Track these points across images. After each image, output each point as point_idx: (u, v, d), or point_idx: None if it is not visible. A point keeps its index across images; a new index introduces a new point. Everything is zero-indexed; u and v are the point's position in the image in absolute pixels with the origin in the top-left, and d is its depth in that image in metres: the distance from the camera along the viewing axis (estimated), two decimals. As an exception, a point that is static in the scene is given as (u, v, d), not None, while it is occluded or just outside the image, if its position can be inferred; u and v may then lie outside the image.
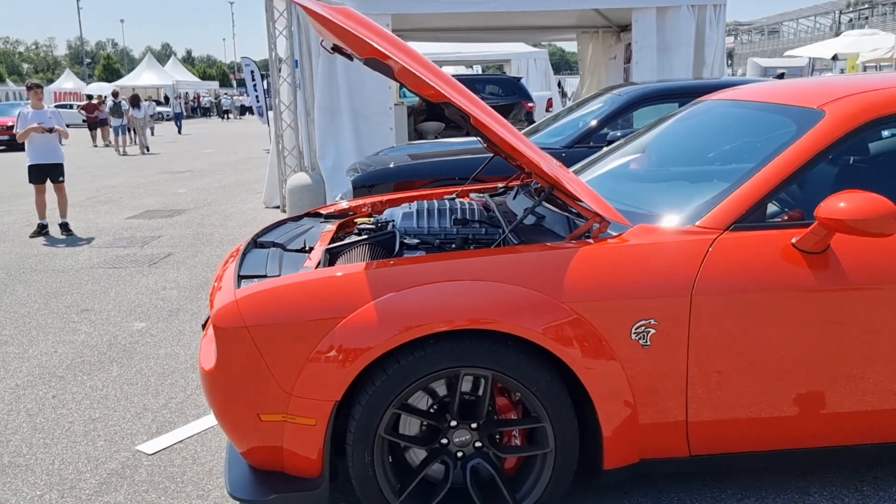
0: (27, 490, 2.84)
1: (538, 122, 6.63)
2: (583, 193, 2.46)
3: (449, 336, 2.26)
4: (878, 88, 2.57)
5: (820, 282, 2.30)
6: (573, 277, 2.29)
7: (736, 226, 2.38)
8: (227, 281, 2.61)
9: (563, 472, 2.37)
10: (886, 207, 2.14)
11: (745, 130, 2.86)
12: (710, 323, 2.29)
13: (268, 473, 2.44)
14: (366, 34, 2.39)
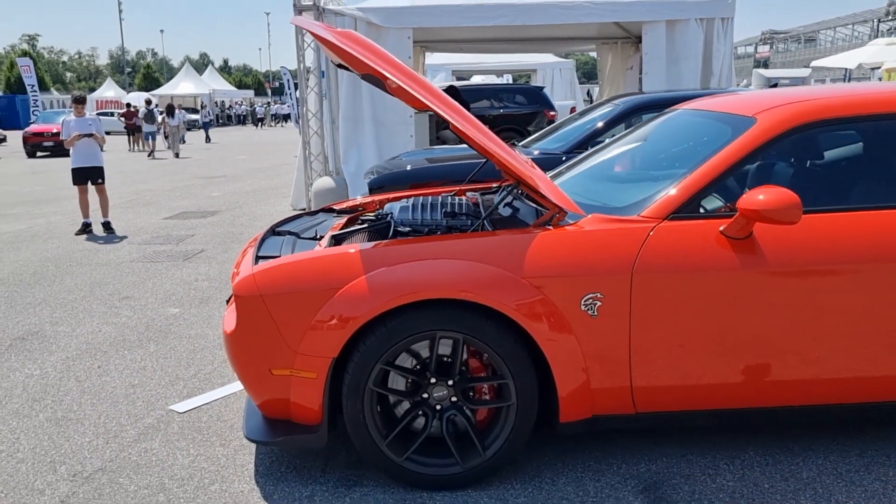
0: (78, 438, 3.35)
1: (546, 129, 7.06)
2: (546, 189, 2.91)
3: (428, 304, 2.71)
4: (805, 100, 2.98)
5: (743, 264, 2.71)
6: (533, 257, 2.73)
7: (673, 216, 2.80)
8: (247, 260, 3.11)
9: (524, 422, 2.80)
10: (792, 199, 2.55)
11: (695, 135, 3.27)
12: (648, 298, 2.71)
13: (278, 421, 2.91)
14: (364, 54, 2.86)
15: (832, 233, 2.74)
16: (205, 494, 2.85)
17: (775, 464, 2.96)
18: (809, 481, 2.83)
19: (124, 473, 3.02)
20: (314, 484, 2.91)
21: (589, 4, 9.00)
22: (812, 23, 74.25)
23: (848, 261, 2.71)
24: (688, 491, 2.79)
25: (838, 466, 2.93)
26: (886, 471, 2.89)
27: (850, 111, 2.92)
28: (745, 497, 2.73)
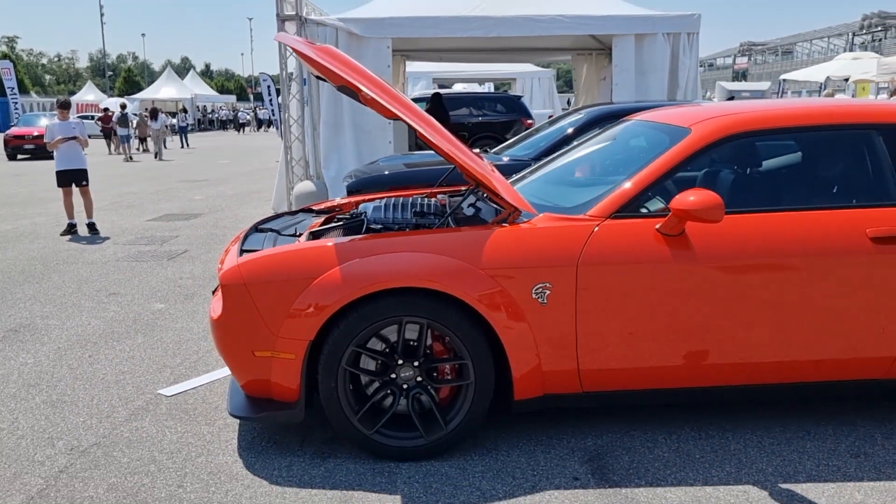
0: (73, 418, 3.62)
1: (517, 137, 7.40)
2: (503, 190, 3.24)
3: (395, 293, 3.02)
4: (735, 113, 3.34)
5: (675, 258, 3.05)
6: (489, 251, 3.05)
7: (615, 215, 3.13)
8: (232, 254, 3.41)
9: (482, 398, 3.11)
10: (715, 201, 2.89)
11: (640, 144, 3.62)
12: (591, 288, 3.04)
13: (259, 399, 3.21)
14: (340, 67, 3.18)
15: (752, 231, 3.09)
16: (192, 465, 3.14)
17: (708, 438, 3.30)
18: (736, 452, 3.17)
19: (117, 448, 3.30)
20: (292, 456, 3.21)
21: (561, 18, 9.38)
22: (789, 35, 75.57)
23: (765, 255, 3.06)
24: (627, 461, 3.12)
25: (763, 440, 3.27)
26: (804, 443, 3.24)
27: (771, 124, 3.28)
28: (676, 465, 3.07)
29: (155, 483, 2.99)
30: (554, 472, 3.04)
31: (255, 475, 3.05)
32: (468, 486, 2.94)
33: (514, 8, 9.60)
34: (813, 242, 3.08)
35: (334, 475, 3.04)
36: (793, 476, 2.97)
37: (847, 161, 3.31)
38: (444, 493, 2.89)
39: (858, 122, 3.30)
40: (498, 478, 3.00)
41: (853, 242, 3.08)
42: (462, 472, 3.05)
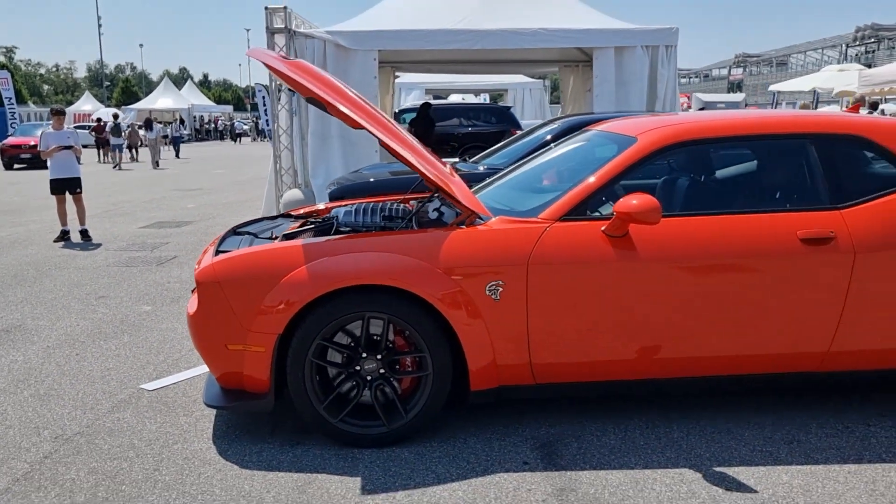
0: (59, 409, 3.83)
1: (495, 146, 7.65)
2: (461, 195, 3.47)
3: (357, 290, 3.24)
4: (677, 124, 3.58)
5: (619, 257, 3.28)
6: (446, 251, 3.28)
7: (564, 218, 3.36)
8: (209, 254, 3.63)
9: (440, 389, 3.33)
10: (653, 204, 3.12)
11: (593, 152, 3.85)
12: (541, 285, 3.27)
13: (233, 390, 3.43)
14: (309, 80, 3.41)
15: (692, 232, 3.32)
16: (168, 451, 3.35)
17: (654, 427, 3.52)
18: (678, 440, 3.39)
19: (99, 436, 3.51)
20: (262, 443, 3.42)
21: (543, 31, 9.63)
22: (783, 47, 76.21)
23: (704, 255, 3.29)
24: (576, 448, 3.33)
25: (705, 429, 3.49)
26: (743, 432, 3.46)
27: (710, 133, 3.52)
28: (621, 452, 3.28)
29: (133, 467, 3.20)
30: (506, 457, 3.25)
31: (227, 460, 3.26)
32: (424, 469, 3.15)
33: (497, 21, 9.85)
34: (748, 244, 3.31)
35: (301, 460, 3.25)
36: (727, 460, 3.19)
37: (781, 168, 3.55)
38: (402, 475, 3.10)
39: (792, 132, 3.54)
40: (453, 462, 3.21)
41: (785, 244, 3.31)
42: (420, 457, 3.26)
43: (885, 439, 3.36)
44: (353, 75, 9.60)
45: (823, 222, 3.34)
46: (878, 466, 3.12)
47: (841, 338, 3.39)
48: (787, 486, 2.97)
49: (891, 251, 3.31)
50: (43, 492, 3.01)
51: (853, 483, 2.99)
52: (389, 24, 9.92)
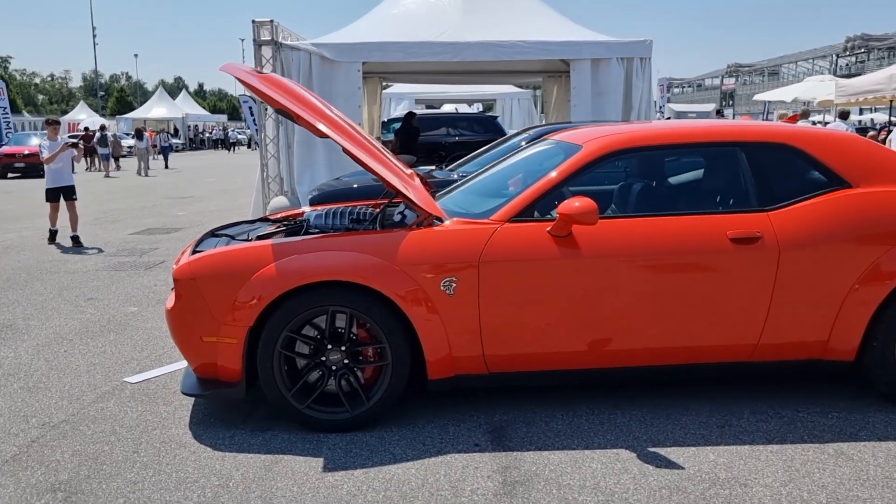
0: (46, 400, 4.09)
1: (470, 155, 7.94)
2: (419, 199, 3.75)
3: (322, 285, 3.52)
4: (620, 133, 3.87)
5: (563, 255, 3.57)
6: (404, 250, 3.56)
7: (513, 219, 3.65)
8: (186, 254, 3.91)
9: (399, 377, 3.60)
10: (591, 206, 3.41)
11: (544, 158, 4.14)
12: (492, 282, 3.55)
13: (208, 379, 3.69)
14: (277, 93, 3.69)
15: (630, 232, 3.61)
16: (147, 436, 3.61)
17: (599, 413, 3.80)
18: (620, 425, 3.66)
19: (83, 423, 3.77)
20: (235, 429, 3.68)
21: (522, 43, 9.96)
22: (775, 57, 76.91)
23: (641, 254, 3.58)
24: (525, 431, 3.61)
25: (646, 415, 3.77)
26: (681, 417, 3.74)
27: (649, 141, 3.82)
28: (566, 435, 3.56)
29: (113, 450, 3.46)
30: (460, 440, 3.52)
31: (202, 443, 3.53)
32: (383, 450, 3.42)
33: (478, 34, 10.17)
34: (682, 243, 3.60)
35: (270, 443, 3.52)
36: (661, 442, 3.47)
37: (714, 173, 3.85)
38: (362, 456, 3.37)
39: (724, 141, 3.84)
40: (410, 445, 3.48)
41: (716, 243, 3.60)
42: (380, 440, 3.53)
43: (809, 424, 3.65)
44: (337, 86, 9.92)
45: (751, 223, 3.64)
46: (799, 447, 3.40)
47: (769, 330, 3.67)
48: (713, 463, 3.25)
49: (811, 249, 3.60)
50: (30, 471, 3.27)
51: (773, 461, 3.27)
52: (373, 37, 10.24)
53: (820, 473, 3.15)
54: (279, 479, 3.16)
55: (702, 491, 3.02)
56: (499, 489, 3.06)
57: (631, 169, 4.14)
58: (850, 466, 3.20)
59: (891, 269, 3.60)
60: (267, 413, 3.85)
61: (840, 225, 3.63)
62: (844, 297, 3.64)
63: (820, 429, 3.59)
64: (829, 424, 3.63)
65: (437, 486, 3.09)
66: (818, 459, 3.27)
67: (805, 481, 3.08)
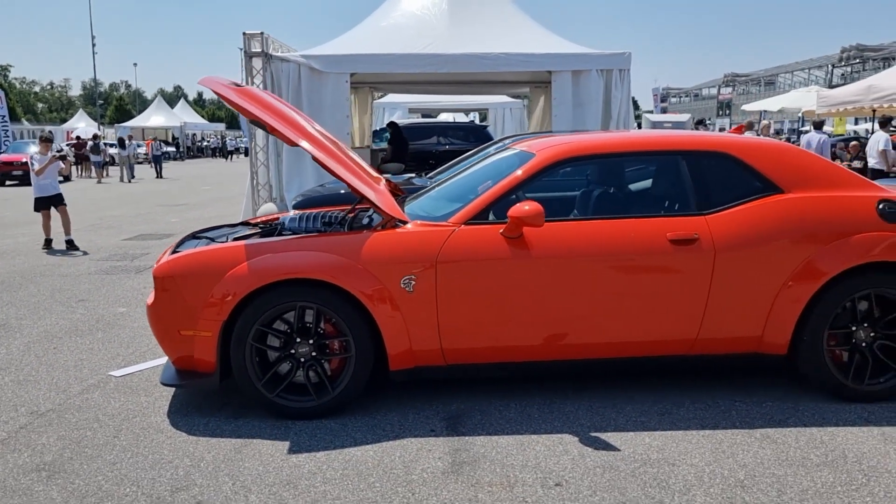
0: (35, 392, 4.36)
1: (449, 163, 8.23)
2: (381, 202, 4.04)
3: (290, 283, 3.80)
4: (572, 142, 4.17)
5: (514, 255, 3.85)
6: (367, 249, 3.84)
7: (469, 222, 3.93)
8: (166, 254, 4.19)
9: (362, 368, 3.88)
10: (538, 210, 3.69)
11: (502, 165, 4.42)
12: (448, 280, 3.83)
13: (186, 371, 3.96)
14: (251, 105, 3.99)
15: (578, 234, 3.89)
16: (128, 423, 3.89)
17: (551, 404, 4.07)
18: (568, 413, 3.94)
19: (69, 412, 4.05)
20: (210, 417, 3.96)
21: (504, 55, 10.27)
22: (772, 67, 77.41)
23: (588, 254, 3.86)
24: (479, 419, 3.88)
25: (594, 404, 4.05)
26: (625, 406, 4.01)
27: (597, 150, 4.11)
28: (517, 422, 3.83)
29: (96, 435, 3.74)
30: (417, 426, 3.80)
31: (178, 429, 3.80)
32: (345, 435, 3.70)
33: (463, 46, 10.47)
34: (625, 244, 3.88)
35: (241, 429, 3.79)
36: (604, 428, 3.74)
37: (657, 179, 4.14)
38: (325, 440, 3.65)
39: (667, 149, 4.13)
40: (371, 430, 3.76)
41: (656, 244, 3.88)
42: (343, 426, 3.81)
43: (744, 413, 3.92)
44: (326, 96, 10.22)
45: (689, 226, 3.92)
46: (730, 432, 3.67)
47: (707, 325, 3.95)
48: (647, 446, 3.52)
49: (745, 250, 3.88)
50: (17, 453, 3.54)
51: (703, 444, 3.54)
52: (361, 49, 10.54)
53: (743, 455, 3.42)
54: (247, 460, 3.44)
55: (633, 469, 3.29)
56: (447, 469, 3.33)
57: (582, 176, 4.42)
58: (773, 448, 3.48)
59: (818, 269, 3.88)
60: (241, 402, 4.12)
61: (771, 228, 3.92)
62: (776, 295, 3.92)
63: (752, 416, 3.86)
64: (762, 412, 3.91)
65: (391, 466, 3.36)
66: (744, 443, 3.55)
67: (728, 461, 3.36)
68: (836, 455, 3.40)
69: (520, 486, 3.16)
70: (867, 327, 4.00)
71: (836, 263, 3.88)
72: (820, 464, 3.32)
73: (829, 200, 3.99)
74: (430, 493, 3.11)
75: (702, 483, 3.16)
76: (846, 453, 3.42)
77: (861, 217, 3.95)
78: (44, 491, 3.17)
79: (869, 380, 3.99)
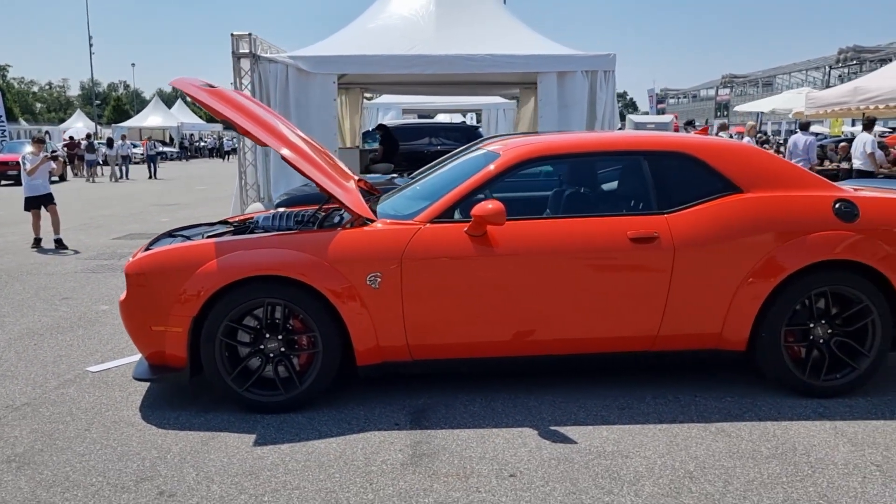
0: (12, 387, 4.45)
1: (432, 163, 8.31)
2: (350, 201, 4.13)
3: (259, 279, 3.89)
4: (536, 143, 4.26)
5: (479, 253, 3.94)
6: (333, 247, 3.93)
7: (434, 220, 4.02)
8: (140, 251, 4.28)
9: (329, 364, 3.96)
10: (499, 208, 3.78)
11: (471, 165, 4.51)
12: (413, 277, 3.92)
13: (158, 366, 4.05)
14: (222, 106, 4.07)
15: (541, 232, 3.98)
16: (100, 417, 3.97)
17: (515, 399, 4.16)
18: (531, 408, 4.03)
19: (44, 406, 4.13)
20: (181, 410, 4.04)
21: (490, 56, 10.36)
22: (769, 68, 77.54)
23: (551, 251, 3.95)
24: (443, 413, 3.97)
25: (557, 399, 4.13)
26: (588, 401, 4.10)
27: (560, 150, 4.20)
28: (480, 416, 3.92)
29: (67, 428, 3.82)
30: (383, 420, 3.89)
31: (148, 423, 3.89)
32: (311, 428, 3.79)
33: (449, 47, 10.56)
34: (586, 242, 3.97)
35: (211, 422, 3.88)
36: (564, 422, 3.83)
37: (619, 179, 4.23)
38: (291, 433, 3.74)
39: (629, 150, 4.22)
40: (337, 424, 3.85)
41: (617, 242, 3.97)
42: (310, 420, 3.89)
43: (703, 407, 4.01)
44: (313, 97, 10.31)
45: (650, 224, 4.01)
46: (686, 426, 3.77)
47: (667, 322, 4.04)
48: (604, 439, 3.62)
49: (703, 249, 3.97)
50: (-10, 445, 3.63)
51: (658, 437, 3.63)
52: (349, 50, 10.63)
53: (696, 447, 3.51)
54: (213, 452, 3.52)
55: (587, 461, 3.38)
56: (406, 460, 3.42)
57: (547, 176, 4.52)
58: (726, 442, 3.57)
59: (775, 267, 3.98)
60: (212, 397, 4.21)
61: (730, 227, 4.01)
62: (734, 293, 4.01)
63: (710, 411, 3.95)
64: (720, 407, 4.00)
65: (352, 458, 3.45)
66: (699, 436, 3.64)
67: (681, 454, 3.45)
68: (787, 448, 3.49)
69: (475, 476, 3.25)
70: (824, 324, 4.09)
71: (793, 262, 3.97)
72: (769, 456, 3.41)
73: (786, 200, 4.08)
74: (386, 484, 3.20)
75: (652, 474, 3.25)
76: (796, 446, 3.51)
77: (818, 216, 4.04)
78: (12, 481, 3.26)
79: (825, 375, 4.08)
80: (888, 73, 14.01)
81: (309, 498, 3.09)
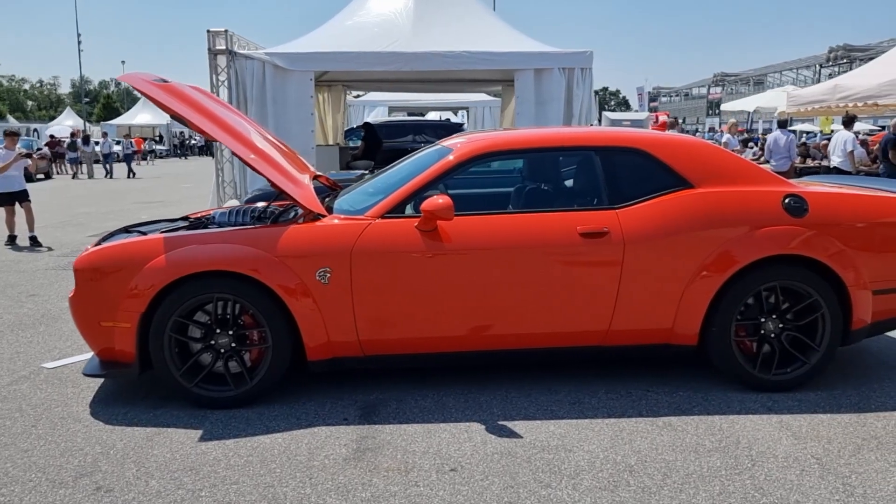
0: (-35, 383, 4.43)
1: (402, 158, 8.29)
2: (301, 196, 4.12)
3: (207, 275, 3.87)
4: (487, 138, 4.26)
5: (429, 248, 3.93)
6: (283, 242, 3.92)
7: (385, 216, 4.02)
8: (91, 246, 4.26)
9: (280, 359, 3.95)
10: (447, 204, 3.78)
11: (425, 161, 4.50)
12: (363, 272, 3.91)
13: (108, 362, 4.03)
14: (170, 101, 4.05)
15: (492, 227, 3.97)
16: (49, 413, 3.96)
17: (467, 394, 4.16)
18: (482, 403, 4.03)
19: (-7, 402, 4.12)
20: (131, 406, 4.03)
21: (466, 54, 10.36)
22: (761, 66, 77.76)
23: (501, 246, 3.94)
24: (394, 408, 3.97)
25: (509, 394, 4.14)
26: (540, 396, 4.10)
27: (511, 146, 4.20)
28: (430, 411, 3.92)
29: (15, 424, 3.81)
30: (332, 415, 3.88)
31: (96, 419, 3.87)
32: (260, 424, 3.78)
33: (426, 44, 10.56)
34: (536, 237, 3.97)
35: (159, 418, 3.87)
36: (513, 416, 3.83)
37: (571, 174, 4.23)
38: (239, 428, 3.73)
39: (581, 145, 4.22)
40: (285, 419, 3.84)
41: (567, 237, 3.98)
42: (259, 415, 3.89)
43: (654, 401, 4.02)
44: (290, 94, 10.29)
45: (600, 220, 4.02)
46: (633, 420, 3.77)
47: (618, 317, 4.05)
48: (550, 433, 3.62)
49: (653, 244, 3.98)
50: (-67, 441, 3.61)
51: (604, 431, 3.64)
52: (327, 47, 10.61)
53: (640, 441, 3.52)
54: (156, 448, 3.51)
55: (529, 455, 3.38)
56: (350, 455, 3.42)
57: (496, 170, 4.52)
58: (670, 436, 3.58)
59: (724, 262, 3.98)
60: (164, 393, 4.19)
61: (680, 221, 4.02)
62: (685, 288, 4.02)
63: (660, 405, 3.96)
64: (671, 402, 4.01)
65: (296, 453, 3.44)
66: (645, 430, 3.65)
67: (624, 448, 3.45)
68: (730, 441, 3.51)
69: (416, 471, 3.25)
70: (775, 319, 4.11)
71: (743, 256, 3.98)
72: (712, 449, 3.42)
73: (736, 195, 4.09)
74: (326, 478, 3.20)
75: (592, 468, 3.26)
76: (739, 439, 3.52)
77: (767, 211, 4.05)
78: (-50, 477, 3.25)
79: (776, 370, 4.10)
80: (867, 72, 14.08)
81: (246, 492, 3.09)
